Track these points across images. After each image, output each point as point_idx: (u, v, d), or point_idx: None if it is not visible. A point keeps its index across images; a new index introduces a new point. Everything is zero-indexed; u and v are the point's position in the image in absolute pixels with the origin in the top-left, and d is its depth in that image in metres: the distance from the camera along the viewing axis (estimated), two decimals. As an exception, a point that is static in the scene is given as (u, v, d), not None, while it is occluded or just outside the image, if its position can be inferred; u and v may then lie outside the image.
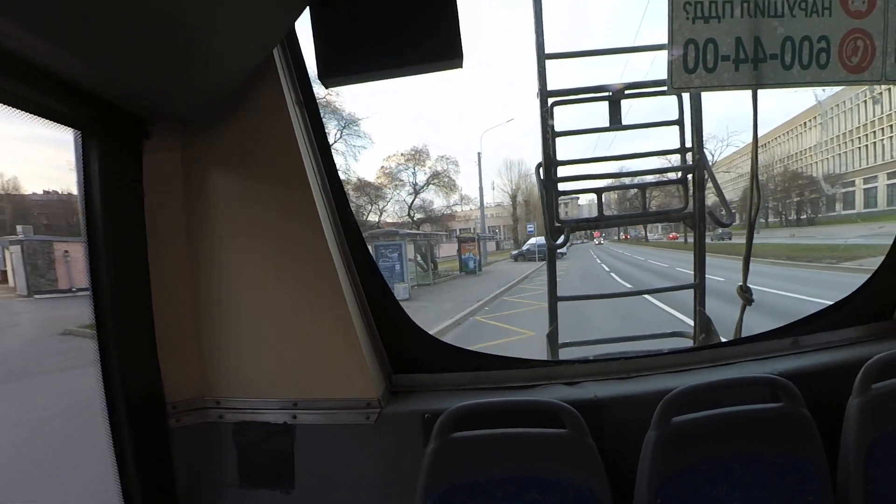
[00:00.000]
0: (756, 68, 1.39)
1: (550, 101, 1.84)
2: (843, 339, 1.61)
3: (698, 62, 1.37)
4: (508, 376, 1.52)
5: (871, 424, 1.24)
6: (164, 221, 1.26)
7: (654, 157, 1.99)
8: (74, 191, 1.17)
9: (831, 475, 1.23)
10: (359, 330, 1.34)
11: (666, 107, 1.95)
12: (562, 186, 1.91)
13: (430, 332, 1.59)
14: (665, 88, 1.44)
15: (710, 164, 1.92)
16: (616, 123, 1.87)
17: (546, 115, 1.84)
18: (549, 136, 1.85)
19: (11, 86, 0.83)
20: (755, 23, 1.37)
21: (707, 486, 1.19)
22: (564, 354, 2.03)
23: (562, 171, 1.89)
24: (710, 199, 2.03)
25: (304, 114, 1.35)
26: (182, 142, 1.27)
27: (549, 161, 1.86)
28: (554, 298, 1.98)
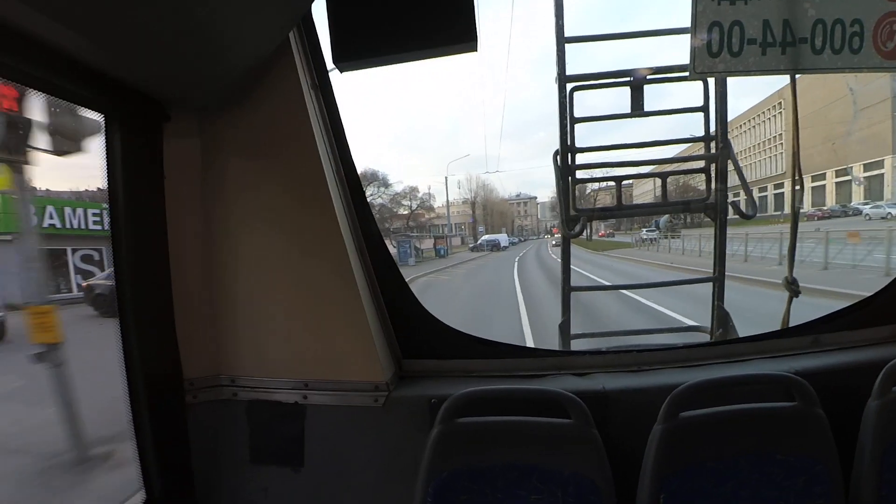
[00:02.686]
0: (784, 53, 1.33)
1: (570, 86, 1.80)
2: (865, 338, 1.55)
3: (723, 46, 1.32)
4: (518, 365, 1.52)
5: (889, 428, 1.20)
6: (183, 203, 1.29)
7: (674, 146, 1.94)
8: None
9: (844, 478, 1.20)
10: (369, 314, 1.36)
11: (693, 94, 1.90)
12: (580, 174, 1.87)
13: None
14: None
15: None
16: (638, 110, 1.82)
17: (564, 100, 1.80)
18: (567, 122, 1.81)
19: (40, 71, 0.86)
20: (785, 5, 1.31)
21: (713, 483, 1.16)
22: (577, 346, 2.01)
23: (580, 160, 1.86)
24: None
25: (320, 98, 1.36)
26: (200, 125, 1.30)
27: (567, 148, 1.82)
28: (567, 288, 1.96)
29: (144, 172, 1.21)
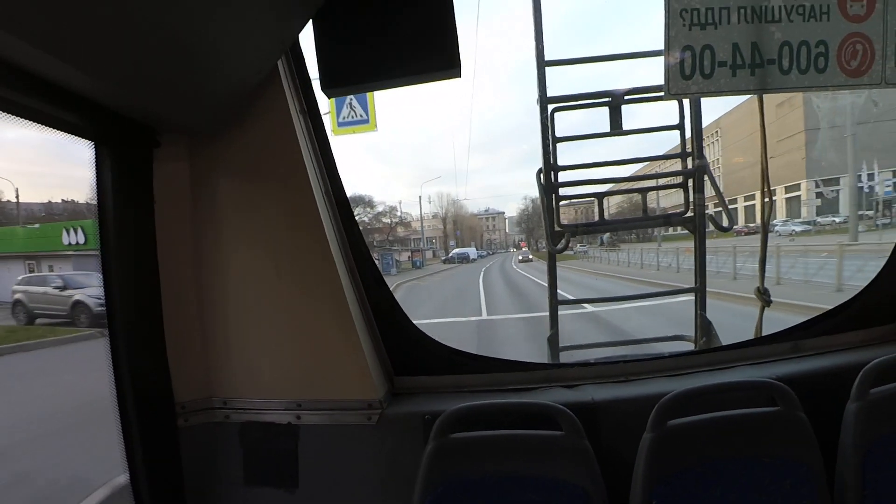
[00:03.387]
0: (753, 74, 1.39)
1: (550, 107, 1.86)
2: (844, 343, 1.60)
3: (695, 68, 1.38)
4: (508, 379, 1.54)
5: (868, 429, 1.24)
6: (173, 228, 1.30)
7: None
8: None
9: (829, 479, 1.23)
10: (361, 333, 1.37)
11: (669, 112, 1.96)
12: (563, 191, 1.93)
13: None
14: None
15: None
16: (617, 128, 1.88)
17: (546, 121, 1.85)
18: (550, 141, 1.87)
19: (27, 100, 0.87)
20: (752, 28, 1.37)
21: (702, 488, 1.19)
22: (565, 358, 2.04)
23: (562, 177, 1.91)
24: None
25: (308, 123, 1.38)
26: (190, 151, 1.31)
27: (549, 166, 1.88)
28: (555, 302, 2.00)
29: (134, 197, 1.22)
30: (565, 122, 1.92)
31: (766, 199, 1.65)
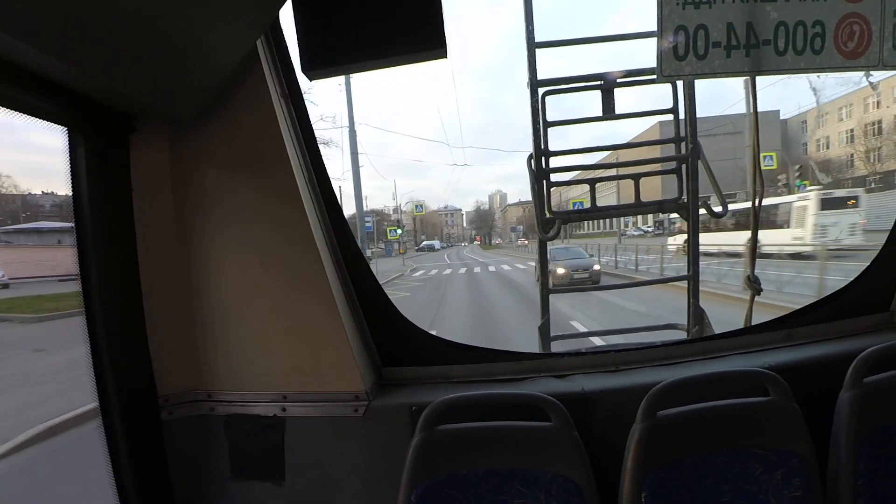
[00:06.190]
0: (748, 55, 1.36)
1: (541, 90, 1.82)
2: (838, 331, 1.58)
3: (689, 49, 1.34)
4: (498, 369, 1.52)
5: (862, 419, 1.22)
6: (153, 216, 1.26)
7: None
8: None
9: (821, 470, 1.22)
10: (347, 323, 1.35)
11: (662, 95, 1.94)
12: (554, 177, 1.89)
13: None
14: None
15: None
16: (609, 112, 1.84)
17: (536, 105, 1.81)
18: (541, 126, 1.83)
19: None
20: (747, 8, 1.34)
21: (693, 479, 1.18)
22: (556, 347, 2.02)
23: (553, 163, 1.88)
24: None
25: (290, 107, 1.34)
26: (169, 137, 1.27)
27: (541, 152, 1.84)
28: (546, 291, 1.97)
29: (111, 185, 1.17)
30: (556, 109, 1.88)
31: (759, 194, 1.60)
